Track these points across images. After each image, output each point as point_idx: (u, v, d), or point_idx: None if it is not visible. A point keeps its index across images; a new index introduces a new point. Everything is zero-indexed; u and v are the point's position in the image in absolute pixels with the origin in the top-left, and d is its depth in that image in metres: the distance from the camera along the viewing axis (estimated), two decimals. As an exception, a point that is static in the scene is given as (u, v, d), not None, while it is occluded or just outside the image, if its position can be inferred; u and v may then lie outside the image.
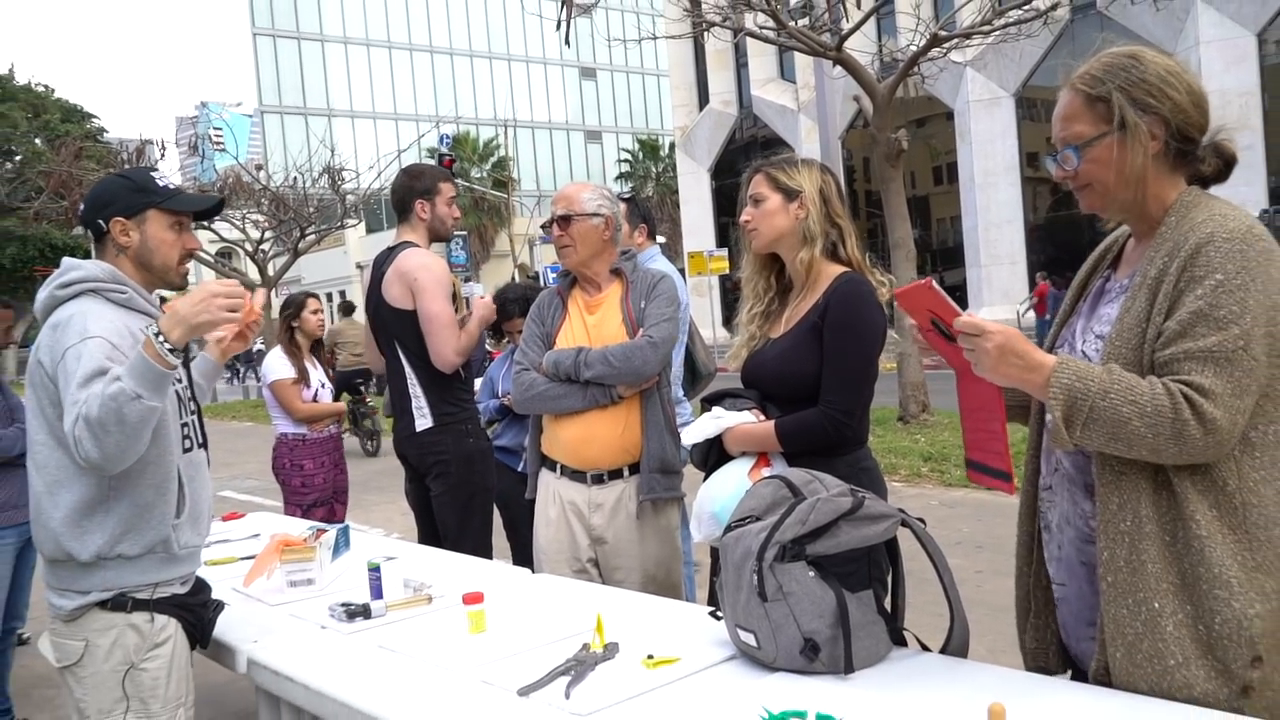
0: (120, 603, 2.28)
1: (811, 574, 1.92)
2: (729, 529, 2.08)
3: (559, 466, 3.16)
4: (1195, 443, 1.60)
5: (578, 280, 3.27)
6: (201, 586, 2.51)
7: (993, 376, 1.75)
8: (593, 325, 3.17)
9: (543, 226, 3.38)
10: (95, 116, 39.47)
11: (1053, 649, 1.95)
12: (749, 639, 1.98)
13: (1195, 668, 1.63)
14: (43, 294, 2.32)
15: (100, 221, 2.36)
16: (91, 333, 2.18)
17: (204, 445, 2.48)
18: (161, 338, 2.08)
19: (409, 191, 3.92)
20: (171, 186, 2.43)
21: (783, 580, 1.92)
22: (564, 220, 3.16)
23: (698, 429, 2.59)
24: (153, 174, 2.44)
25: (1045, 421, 1.87)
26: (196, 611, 2.44)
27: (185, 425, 2.40)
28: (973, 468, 2.04)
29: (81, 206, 2.41)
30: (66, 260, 2.38)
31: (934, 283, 1.87)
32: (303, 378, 5.35)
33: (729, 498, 2.41)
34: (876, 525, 1.97)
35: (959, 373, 1.94)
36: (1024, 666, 1.99)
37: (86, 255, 2.44)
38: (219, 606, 2.53)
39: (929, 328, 1.91)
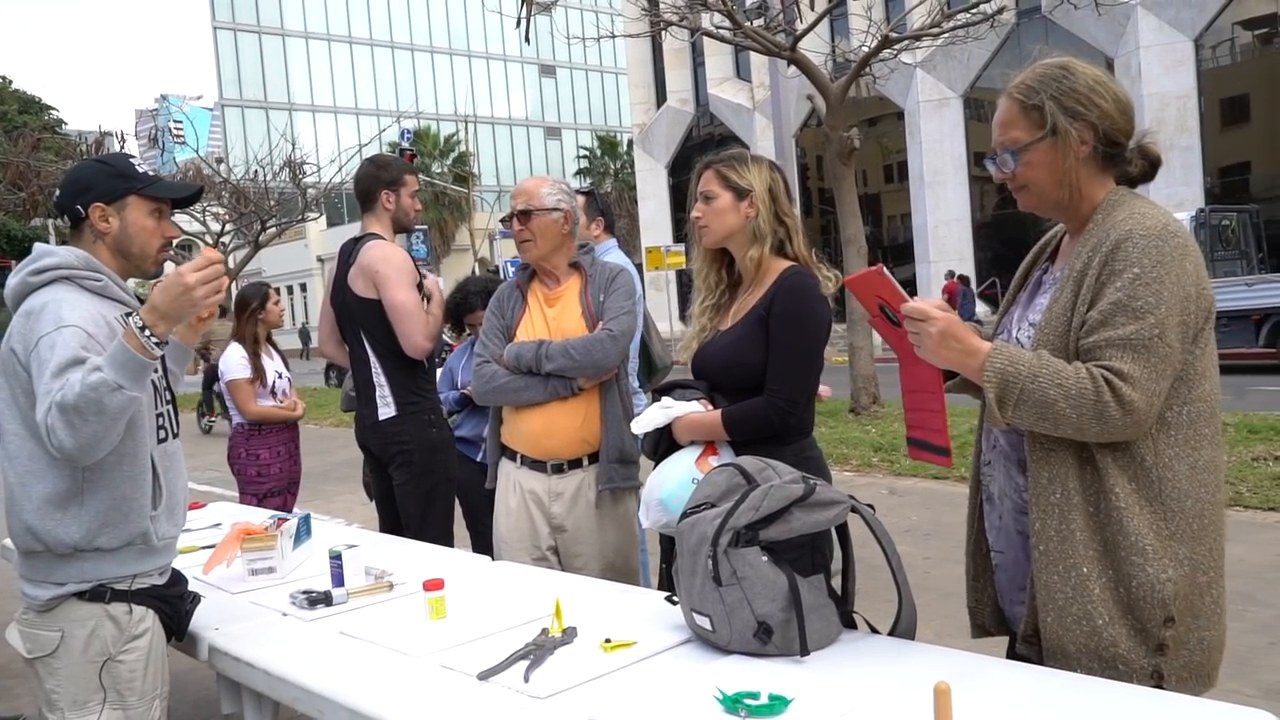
0: (99, 593, 2.24)
1: (764, 559, 1.98)
2: (684, 515, 2.13)
3: (519, 456, 3.20)
4: (1115, 422, 1.74)
5: (537, 273, 3.30)
6: (178, 578, 2.48)
7: (934, 359, 1.91)
8: (552, 318, 3.21)
9: (502, 221, 3.39)
10: (54, 108, 38.81)
11: (988, 609, 2.12)
12: (704, 623, 2.04)
13: (1118, 627, 1.78)
14: (13, 280, 2.27)
15: (79, 207, 2.30)
16: (67, 321, 2.13)
17: (177, 435, 2.45)
18: (147, 330, 2.05)
19: (375, 181, 3.93)
20: (150, 173, 2.38)
21: (737, 565, 1.98)
22: (524, 215, 3.19)
23: (647, 419, 2.64)
24: (131, 160, 2.41)
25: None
26: (174, 603, 2.41)
27: (160, 415, 2.36)
28: (913, 444, 2.19)
29: (57, 192, 2.36)
30: (39, 246, 2.32)
31: (884, 269, 1.98)
32: (259, 375, 5.33)
33: (676, 485, 2.48)
34: (828, 511, 2.03)
35: (902, 356, 2.08)
36: (969, 626, 2.16)
37: (62, 243, 2.40)
38: (196, 598, 2.50)
39: (877, 313, 2.04)
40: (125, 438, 2.18)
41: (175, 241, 2.52)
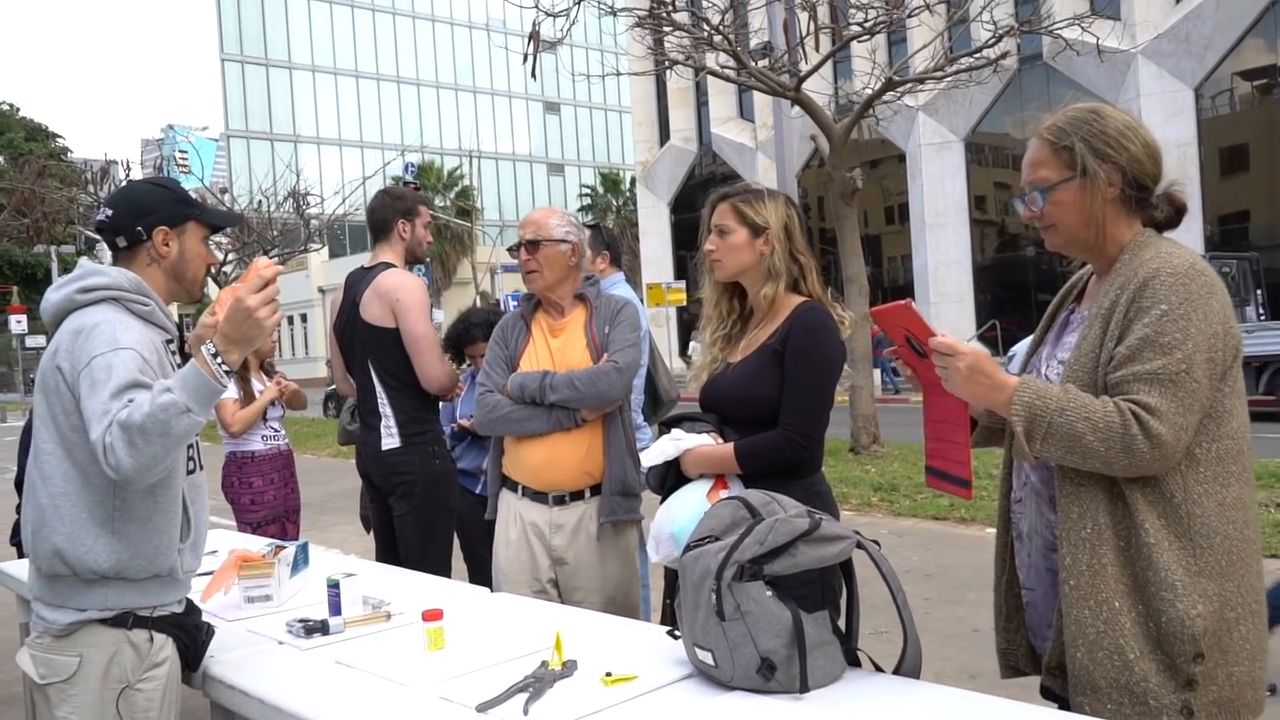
0: (121, 619, 2.19)
1: (769, 593, 1.96)
2: (688, 549, 2.12)
3: (520, 487, 3.18)
4: (1143, 456, 1.76)
5: (541, 304, 3.30)
6: (193, 608, 2.43)
7: (962, 392, 1.94)
8: (556, 349, 3.20)
9: (510, 250, 3.39)
10: (60, 136, 39.24)
11: (1021, 650, 2.13)
12: (706, 658, 2.01)
13: (1148, 661, 1.79)
14: (57, 295, 2.24)
15: (140, 229, 2.29)
16: (123, 344, 2.11)
17: (203, 468, 2.42)
18: (219, 358, 2.05)
19: (391, 210, 3.95)
20: (200, 199, 2.38)
21: (740, 599, 1.95)
22: (532, 245, 3.20)
23: (657, 451, 2.62)
24: (182, 185, 2.42)
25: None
26: (191, 633, 2.36)
27: (190, 446, 2.33)
28: (932, 474, 2.21)
29: (109, 211, 2.31)
30: (87, 264, 2.29)
31: (912, 303, 2.03)
32: (249, 400, 5.30)
33: (688, 519, 2.44)
34: (833, 546, 2.02)
35: (927, 387, 2.12)
36: (999, 666, 2.17)
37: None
38: (210, 629, 2.45)
39: (903, 343, 2.09)
40: None
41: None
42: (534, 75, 12.33)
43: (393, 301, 3.74)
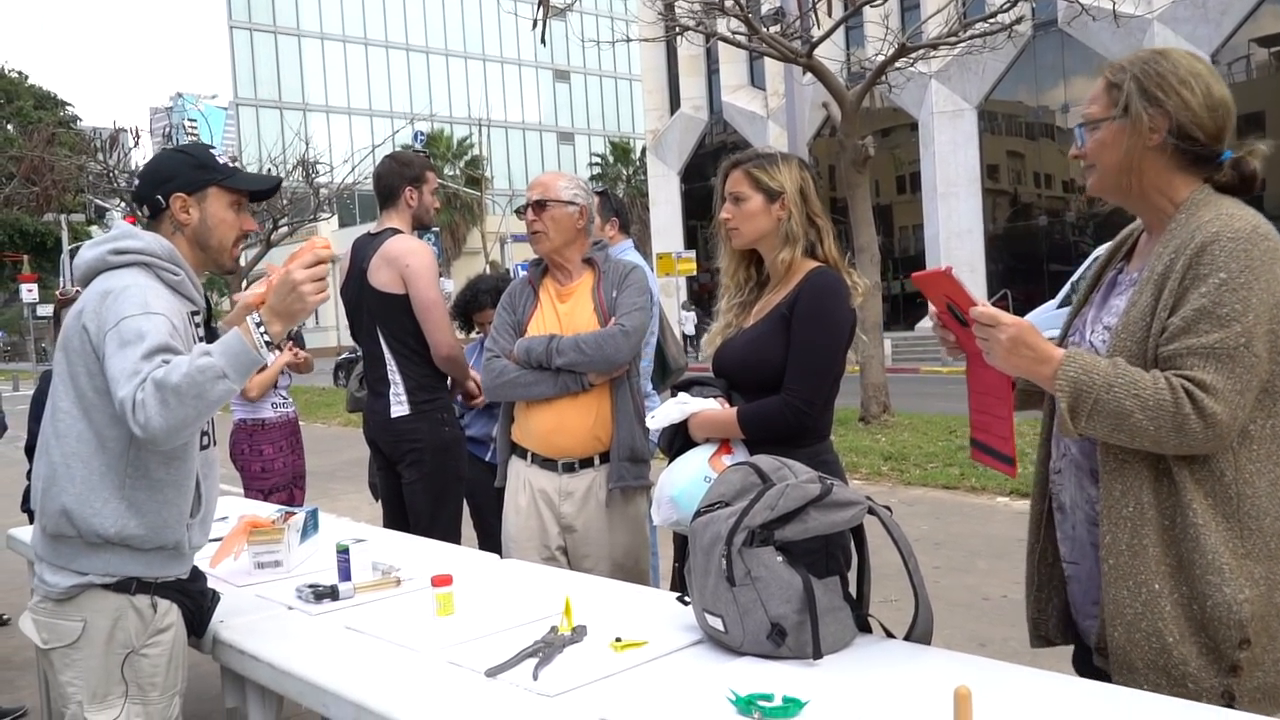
0: (124, 584, 2.17)
1: (779, 559, 1.95)
2: (698, 514, 2.10)
3: (529, 454, 3.17)
4: (1195, 435, 1.66)
5: (549, 269, 3.28)
6: (198, 574, 2.43)
7: (1004, 365, 1.82)
8: (564, 314, 3.18)
9: (517, 211, 3.37)
10: (69, 104, 39.14)
11: (1053, 620, 2.06)
12: (716, 623, 2.00)
13: (1189, 645, 1.71)
14: (90, 253, 2.22)
15: (159, 197, 2.27)
16: (155, 309, 2.09)
17: (216, 443, 2.41)
18: (263, 328, 2.04)
19: (398, 177, 3.92)
20: (230, 164, 2.35)
21: (751, 565, 1.94)
22: (539, 205, 3.17)
23: (663, 414, 2.60)
24: (211, 150, 2.37)
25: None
26: (196, 599, 2.35)
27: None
28: (976, 447, 2.13)
29: (136, 182, 2.31)
30: (123, 224, 2.28)
31: (952, 270, 1.91)
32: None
33: (689, 483, 2.44)
34: (844, 512, 2.00)
35: (970, 357, 2.02)
36: (1029, 636, 2.09)
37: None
38: (216, 596, 2.45)
39: (944, 311, 1.98)
40: None
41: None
42: (544, 42, 12.24)
43: (402, 268, 3.72)
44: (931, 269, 1.94)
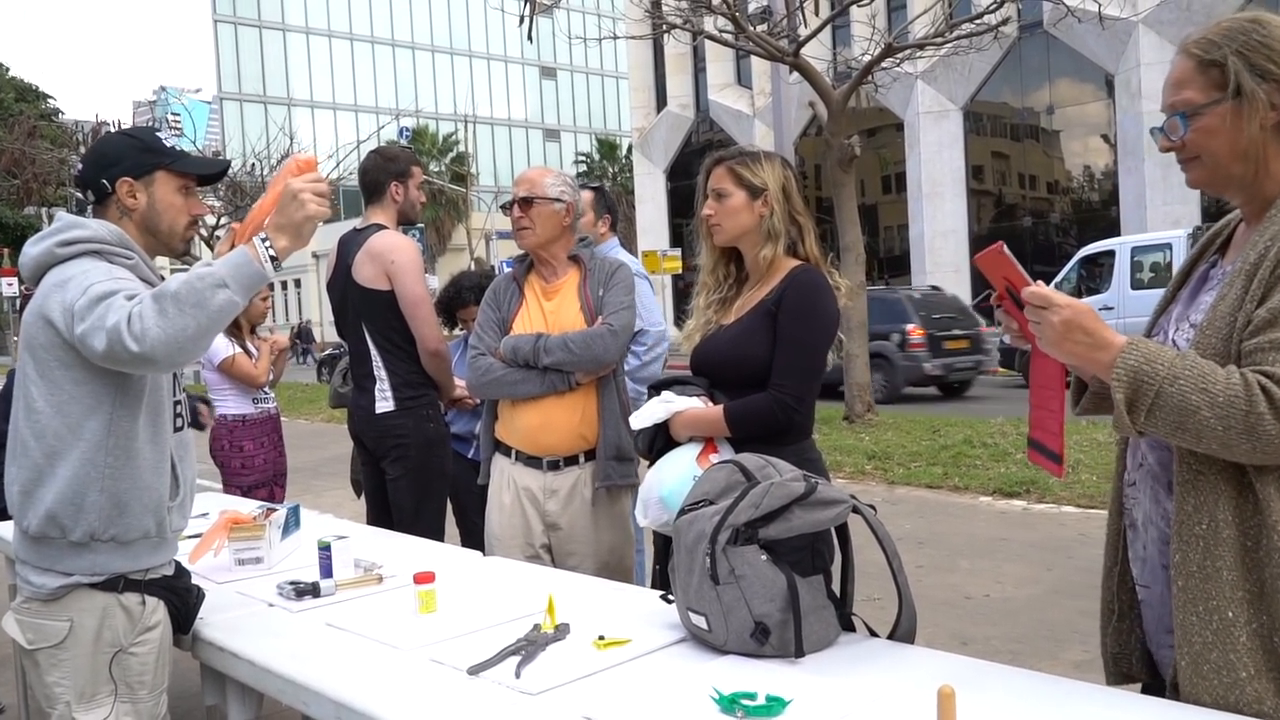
0: (112, 583, 2.15)
1: (764, 557, 1.94)
2: (682, 512, 2.10)
3: (514, 452, 3.16)
4: (1272, 440, 1.47)
5: (534, 265, 3.27)
6: (182, 570, 2.41)
7: (1056, 352, 1.64)
8: (550, 311, 3.17)
9: (503, 207, 3.33)
10: (51, 97, 38.89)
11: (1136, 654, 1.84)
12: (700, 622, 2.00)
13: (1264, 681, 1.54)
14: (35, 249, 2.15)
15: (104, 181, 2.21)
16: (121, 276, 2.07)
17: (189, 425, 2.39)
18: (268, 241, 1.99)
19: (384, 172, 3.90)
20: (177, 148, 2.31)
21: (735, 563, 1.94)
22: (525, 202, 3.15)
23: (646, 413, 2.58)
24: (157, 133, 2.34)
25: None
26: (182, 595, 2.33)
27: (177, 403, 2.29)
28: (1032, 447, 1.93)
29: (79, 166, 2.26)
30: (67, 216, 2.20)
31: (1004, 247, 1.74)
32: (246, 353, 5.28)
33: (677, 482, 2.42)
34: (828, 510, 2.00)
35: (1033, 345, 1.82)
36: (1105, 673, 1.89)
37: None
38: (201, 593, 2.42)
39: (1005, 295, 1.81)
40: (148, 423, 2.13)
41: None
42: (530, 39, 12.22)
43: (387, 264, 3.70)
44: (989, 248, 1.77)
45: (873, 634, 2.08)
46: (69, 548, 2.11)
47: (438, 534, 3.77)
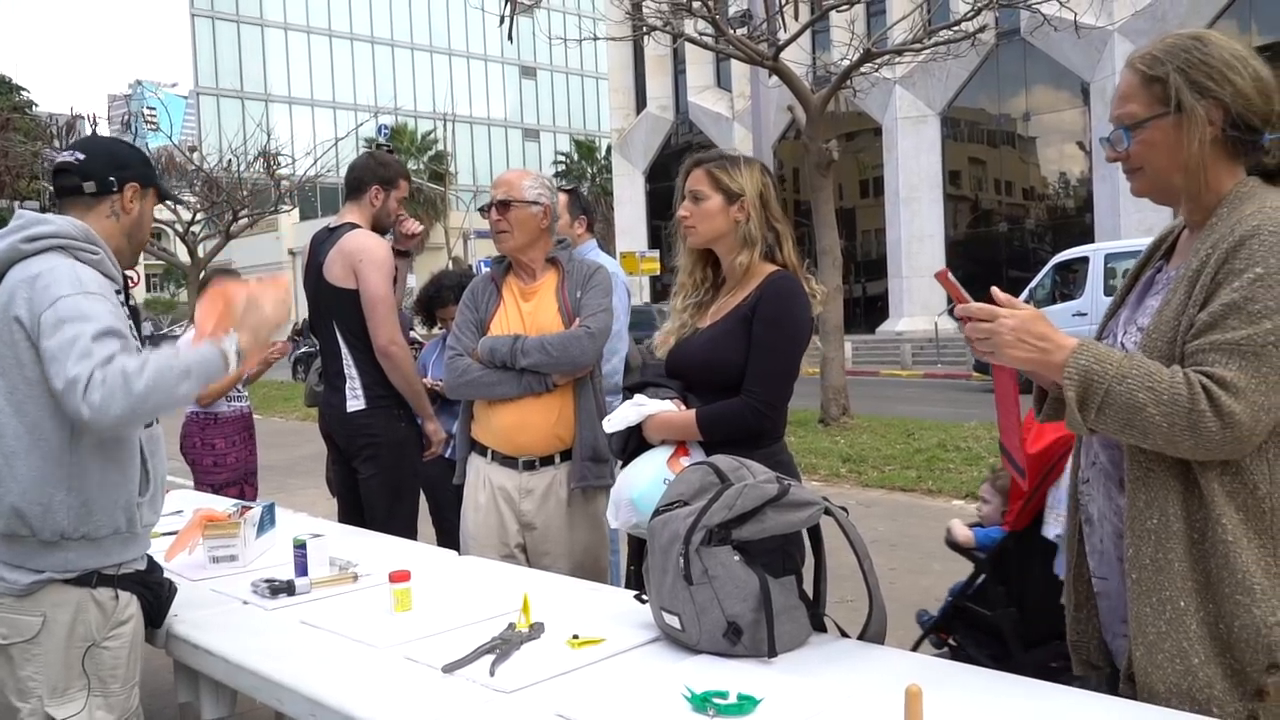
0: (84, 578, 2.15)
1: (736, 558, 1.96)
2: (657, 513, 2.11)
3: (490, 452, 3.17)
4: (1211, 436, 1.54)
5: (512, 266, 3.27)
6: (154, 565, 2.41)
7: (1009, 358, 1.67)
8: (528, 313, 3.18)
9: (481, 210, 3.34)
10: (24, 89, 38.51)
11: (1093, 643, 1.90)
12: (673, 621, 2.02)
13: (1214, 667, 1.60)
14: None
15: (113, 179, 2.26)
16: (91, 289, 2.08)
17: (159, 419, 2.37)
18: (236, 347, 2.11)
19: (370, 174, 3.89)
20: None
21: (708, 564, 1.96)
22: (503, 205, 3.16)
23: (620, 416, 2.59)
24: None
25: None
26: (155, 589, 2.33)
27: None
28: (1003, 453, 2.01)
29: (80, 155, 2.27)
30: (27, 212, 2.21)
31: (949, 274, 1.78)
32: None
33: (648, 485, 2.44)
34: (801, 512, 2.02)
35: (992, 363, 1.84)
36: (1072, 662, 1.95)
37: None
38: (173, 588, 2.42)
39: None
40: None
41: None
42: (510, 38, 12.20)
43: (355, 263, 3.70)
44: (938, 271, 1.83)
45: (844, 634, 2.10)
46: (39, 545, 2.10)
47: (410, 533, 3.77)
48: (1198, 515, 1.62)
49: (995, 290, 1.70)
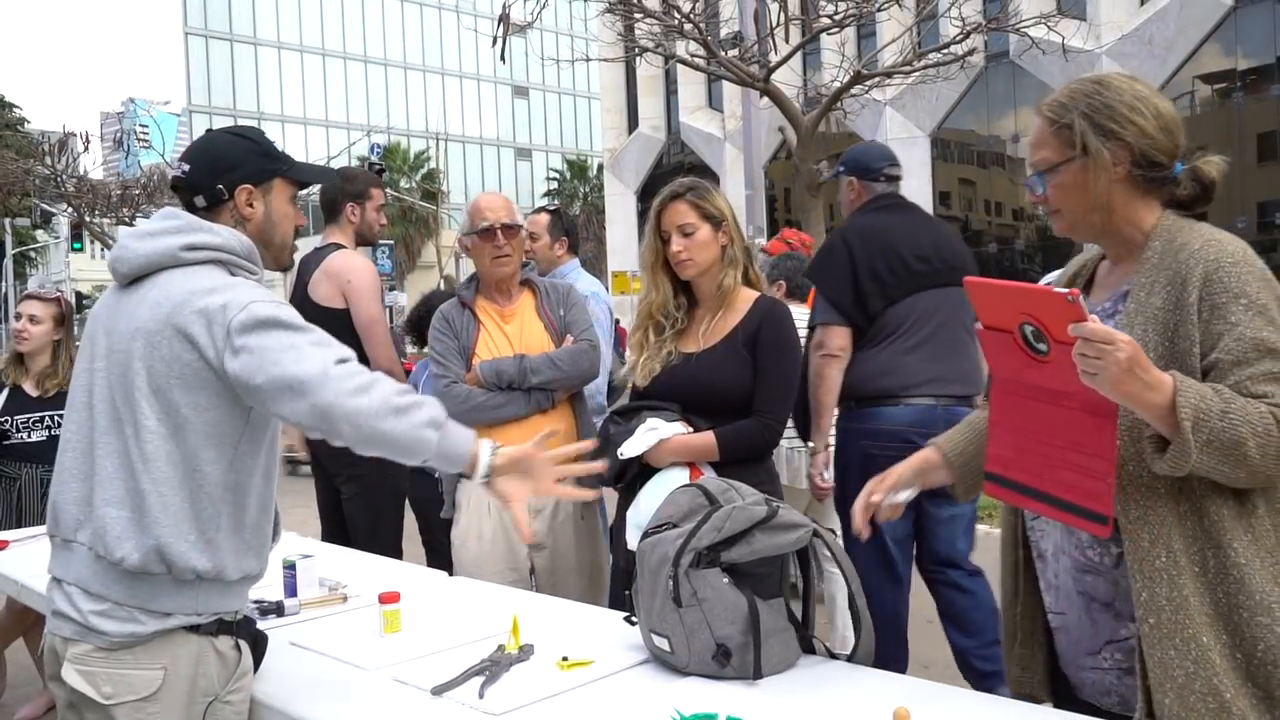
0: (208, 625, 1.89)
1: (725, 580, 1.97)
2: (645, 535, 2.13)
3: None
4: None
5: (482, 290, 3.25)
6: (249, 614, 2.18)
7: (1112, 391, 1.53)
8: (513, 334, 3.18)
9: (480, 234, 3.17)
10: (16, 106, 38.61)
11: (1038, 677, 1.91)
12: (663, 644, 2.02)
13: (1245, 698, 1.59)
14: (151, 245, 1.91)
15: (221, 187, 1.98)
16: (293, 314, 1.89)
17: None
18: (493, 458, 1.91)
19: (340, 193, 3.93)
20: (286, 153, 2.13)
21: (697, 586, 1.96)
22: (511, 229, 3.15)
23: (639, 441, 2.64)
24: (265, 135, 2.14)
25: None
26: (259, 638, 2.09)
27: None
28: (1064, 508, 1.69)
29: (185, 166, 2.02)
30: (185, 214, 1.98)
31: (1080, 295, 1.55)
32: None
33: None
34: (790, 534, 2.03)
35: (1039, 394, 1.69)
36: (1011, 692, 1.96)
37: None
38: (266, 639, 2.15)
39: (999, 327, 1.69)
40: (267, 455, 1.96)
41: None
42: (503, 58, 12.27)
43: (343, 284, 3.73)
44: (989, 280, 1.70)
45: (832, 656, 2.11)
46: (172, 585, 1.83)
47: (395, 553, 3.77)
48: (1195, 547, 1.61)
49: (1092, 324, 1.51)
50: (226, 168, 2.00)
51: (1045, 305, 1.59)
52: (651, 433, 2.63)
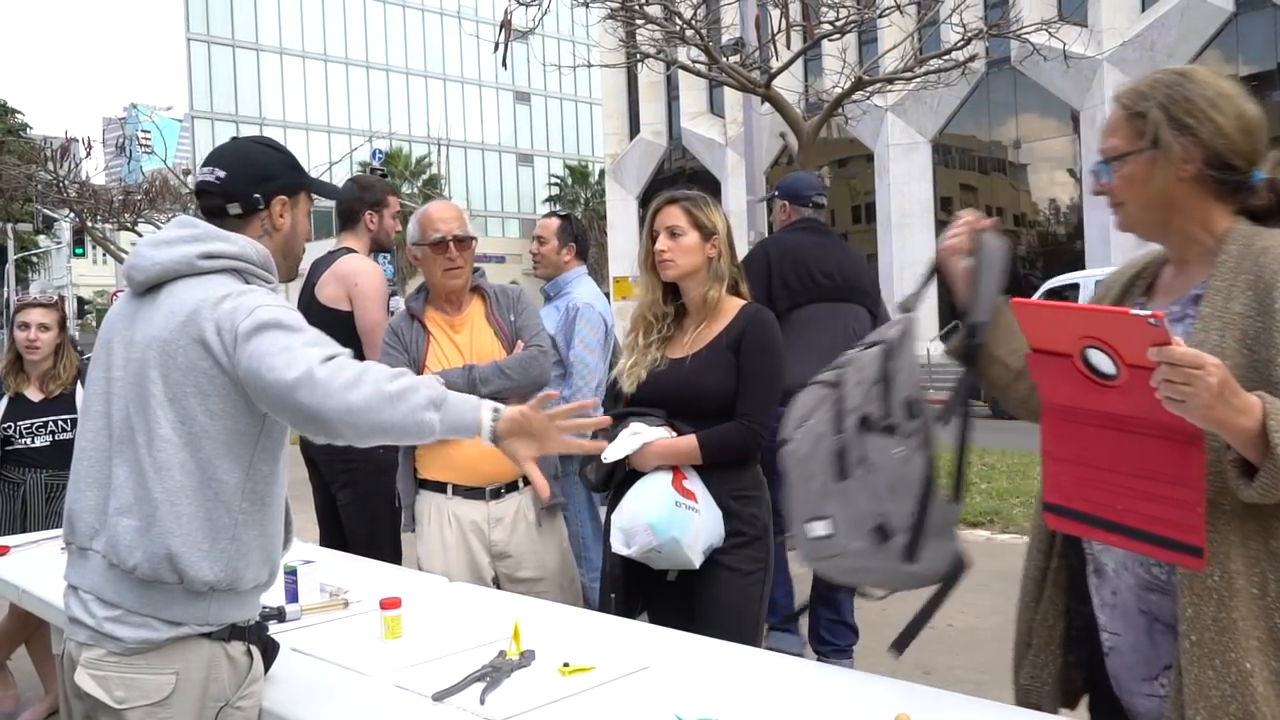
0: (220, 632, 1.89)
1: (899, 450, 1.85)
2: (782, 442, 2.03)
3: (450, 487, 3.11)
4: None
5: (430, 299, 3.24)
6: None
7: (1200, 417, 1.43)
8: (463, 344, 3.16)
9: (432, 246, 3.13)
10: (18, 112, 38.66)
11: (1047, 688, 1.83)
12: (820, 528, 1.91)
13: None
14: (167, 253, 1.90)
15: (258, 196, 1.97)
16: (286, 305, 1.88)
17: None
18: (495, 417, 1.89)
19: (359, 201, 4.00)
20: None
21: (870, 450, 1.86)
22: (462, 241, 3.14)
23: (621, 446, 2.64)
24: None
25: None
26: (269, 644, 2.08)
27: None
28: (1152, 542, 1.57)
29: (221, 173, 1.97)
30: (202, 223, 1.96)
31: (1164, 317, 1.43)
32: None
33: (664, 508, 2.53)
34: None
35: (1106, 422, 1.57)
36: (1014, 700, 1.89)
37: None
38: (277, 645, 2.14)
39: (1053, 350, 1.59)
40: (277, 462, 1.95)
41: None
42: (505, 64, 12.29)
43: (350, 287, 3.77)
44: (1079, 305, 1.66)
45: (829, 661, 2.10)
46: (184, 594, 1.83)
47: (394, 557, 3.77)
48: (1257, 569, 1.54)
49: (1181, 348, 1.42)
50: (265, 177, 2.00)
51: (1117, 327, 1.48)
52: (635, 437, 2.63)
